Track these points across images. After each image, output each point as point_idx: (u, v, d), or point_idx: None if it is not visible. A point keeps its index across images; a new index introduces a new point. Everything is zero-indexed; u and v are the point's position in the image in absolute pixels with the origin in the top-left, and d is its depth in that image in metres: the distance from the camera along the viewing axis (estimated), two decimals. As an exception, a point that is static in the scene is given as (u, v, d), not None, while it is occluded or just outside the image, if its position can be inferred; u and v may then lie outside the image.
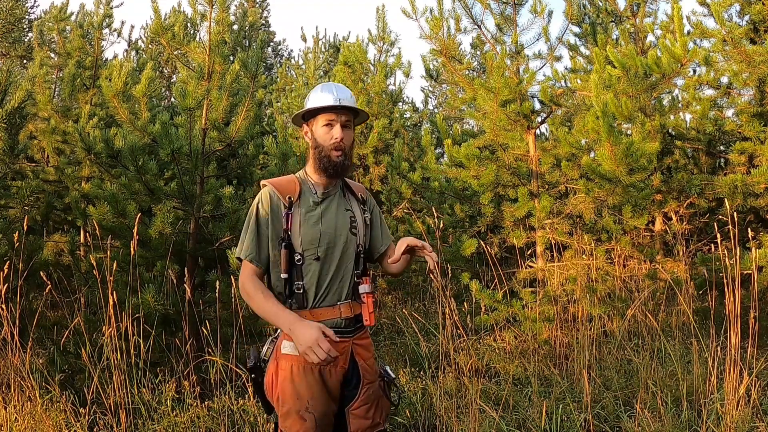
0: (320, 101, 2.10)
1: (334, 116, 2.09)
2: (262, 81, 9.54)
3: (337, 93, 2.11)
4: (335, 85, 2.15)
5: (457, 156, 5.03)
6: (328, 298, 2.07)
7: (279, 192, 2.09)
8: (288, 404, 2.03)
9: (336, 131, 2.08)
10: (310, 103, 2.15)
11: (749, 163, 5.48)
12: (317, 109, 2.11)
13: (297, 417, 2.01)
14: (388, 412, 2.18)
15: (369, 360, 2.14)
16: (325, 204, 2.14)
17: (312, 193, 2.14)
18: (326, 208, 2.13)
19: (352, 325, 2.11)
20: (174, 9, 10.39)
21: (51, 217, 6.47)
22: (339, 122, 2.10)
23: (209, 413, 3.38)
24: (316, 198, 2.13)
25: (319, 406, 2.03)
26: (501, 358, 4.49)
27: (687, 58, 4.20)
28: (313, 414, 2.01)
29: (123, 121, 4.11)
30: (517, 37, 5.14)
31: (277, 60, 17.05)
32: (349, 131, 2.14)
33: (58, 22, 7.48)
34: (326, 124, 2.10)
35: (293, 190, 2.11)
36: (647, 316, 4.49)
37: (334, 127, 2.09)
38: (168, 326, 4.01)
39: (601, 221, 4.96)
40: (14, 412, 3.19)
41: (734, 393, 3.18)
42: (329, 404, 2.06)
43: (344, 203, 2.19)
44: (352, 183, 2.30)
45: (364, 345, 2.15)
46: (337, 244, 2.09)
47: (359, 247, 2.16)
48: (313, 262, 2.06)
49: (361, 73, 7.86)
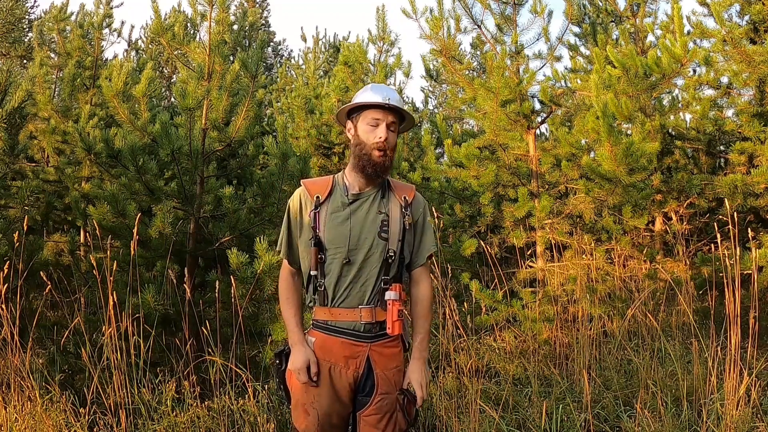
0: (369, 99, 2.07)
1: (380, 115, 2.05)
2: (262, 81, 9.54)
3: (388, 93, 2.08)
4: (386, 87, 2.13)
5: (457, 156, 5.03)
6: (348, 300, 2.04)
7: (309, 191, 2.11)
8: (296, 396, 2.08)
9: (380, 130, 2.04)
10: (357, 99, 2.11)
11: (749, 163, 5.48)
12: (364, 106, 2.07)
13: (302, 410, 2.06)
14: (403, 429, 2.07)
15: (389, 370, 2.06)
16: (356, 205, 2.09)
17: (343, 192, 2.10)
18: (356, 209, 2.08)
19: (372, 331, 2.05)
20: (174, 9, 10.40)
21: (51, 217, 6.46)
22: (385, 122, 2.05)
23: (209, 413, 3.38)
24: (346, 198, 2.09)
25: (323, 404, 2.03)
26: (501, 358, 4.49)
27: (687, 58, 4.20)
28: (317, 410, 2.03)
29: (123, 121, 4.11)
30: (517, 37, 5.14)
31: (277, 60, 17.06)
32: (394, 134, 2.09)
33: (58, 22, 7.47)
34: (372, 123, 2.05)
35: (323, 189, 2.10)
36: (647, 316, 4.49)
37: (379, 127, 2.05)
38: (168, 326, 4.00)
39: (601, 221, 4.96)
40: (14, 412, 3.18)
41: (734, 393, 3.18)
42: (334, 404, 2.04)
43: (381, 205, 2.10)
44: (400, 184, 2.20)
45: (386, 354, 2.07)
46: (361, 247, 2.04)
47: (389, 251, 2.05)
48: (334, 262, 2.04)
49: (361, 73, 7.86)
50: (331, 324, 2.06)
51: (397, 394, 2.06)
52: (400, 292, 2.06)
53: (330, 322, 2.06)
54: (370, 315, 2.04)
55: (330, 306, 2.05)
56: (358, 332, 2.04)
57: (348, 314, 2.04)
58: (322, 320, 2.08)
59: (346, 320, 2.04)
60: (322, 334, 2.08)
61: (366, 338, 2.05)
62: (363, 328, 2.04)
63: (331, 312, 2.05)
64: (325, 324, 2.07)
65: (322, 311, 2.07)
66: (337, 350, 2.04)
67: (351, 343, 2.04)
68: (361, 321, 2.04)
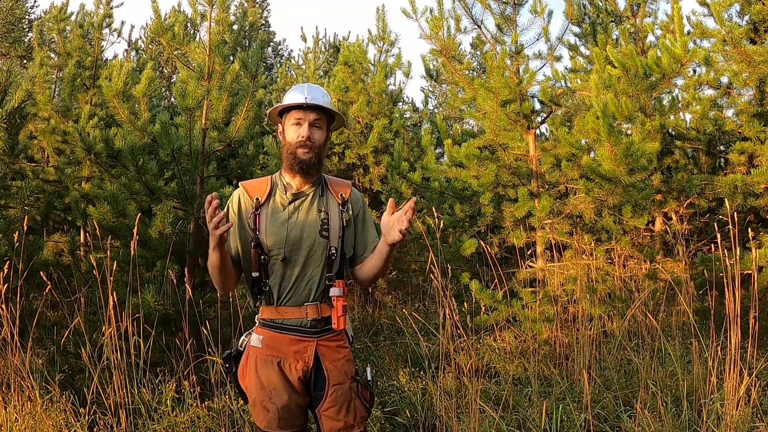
0: (290, 100, 2.12)
1: (302, 114, 2.10)
2: (262, 81, 9.54)
3: (308, 93, 2.11)
4: (308, 85, 2.16)
5: (457, 156, 5.03)
6: (294, 298, 2.10)
7: (248, 193, 2.14)
8: (253, 394, 2.11)
9: (303, 129, 2.09)
10: (283, 101, 2.16)
11: (749, 163, 5.48)
12: (287, 108, 2.13)
13: (261, 407, 2.09)
14: (365, 414, 2.14)
15: (337, 362, 2.12)
16: (296, 204, 2.13)
17: (282, 193, 2.14)
18: (296, 209, 2.13)
19: (318, 326, 2.11)
20: (174, 9, 10.39)
21: (51, 217, 6.45)
22: (308, 120, 2.09)
23: (209, 413, 3.38)
24: (285, 198, 2.13)
25: (281, 398, 2.07)
26: (501, 358, 4.49)
27: (687, 58, 4.20)
28: (276, 405, 2.07)
29: (123, 121, 4.11)
30: (517, 37, 5.14)
31: (277, 60, 17.05)
32: (319, 130, 2.13)
33: (58, 22, 7.47)
34: (295, 123, 2.11)
35: (262, 191, 2.13)
36: (647, 316, 4.49)
37: (302, 126, 2.09)
38: (168, 326, 4.01)
39: (601, 221, 4.96)
40: (14, 412, 3.19)
41: (734, 393, 3.18)
42: (291, 396, 2.09)
43: (320, 204, 2.16)
44: (336, 182, 2.26)
45: (333, 347, 2.14)
46: (302, 246, 2.09)
47: (331, 249, 2.11)
48: (277, 262, 2.08)
49: (361, 73, 7.85)
50: (278, 322, 2.11)
51: (350, 383, 2.12)
52: (343, 287, 2.12)
53: (277, 320, 2.11)
54: (315, 312, 2.10)
55: (276, 305, 2.10)
56: (305, 328, 2.10)
57: (294, 312, 2.09)
58: (269, 318, 2.12)
59: (293, 317, 2.09)
60: (269, 331, 2.12)
61: (312, 333, 2.11)
62: (309, 324, 2.11)
63: (278, 310, 2.10)
64: (272, 322, 2.12)
65: (269, 310, 2.12)
66: (286, 346, 2.09)
67: (298, 338, 2.10)
68: (308, 318, 2.10)
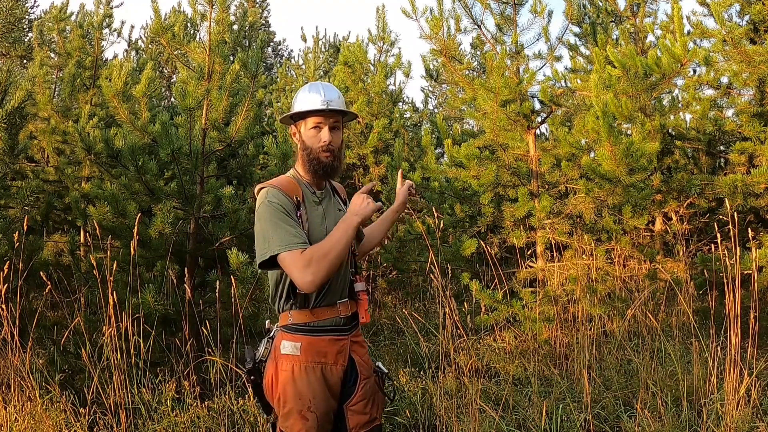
0: (308, 103, 2.07)
1: (322, 119, 2.07)
2: (262, 81, 9.53)
3: (325, 94, 2.07)
4: (323, 85, 2.12)
5: (457, 156, 5.02)
6: (328, 297, 2.07)
7: (287, 193, 2.02)
8: (289, 404, 2.02)
9: (324, 134, 2.07)
10: (297, 104, 2.11)
11: (749, 163, 5.47)
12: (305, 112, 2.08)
13: (299, 416, 2.02)
14: (384, 406, 2.20)
15: (364, 356, 2.17)
16: (324, 204, 2.15)
17: (311, 193, 2.13)
18: (326, 208, 2.15)
19: (350, 323, 2.13)
20: (174, 9, 10.39)
21: (51, 217, 6.46)
22: (327, 125, 2.07)
23: (209, 413, 3.38)
24: (316, 198, 2.13)
25: (321, 405, 2.03)
26: (501, 358, 4.49)
27: (687, 58, 4.20)
28: (315, 413, 2.02)
29: (123, 121, 4.11)
30: (517, 37, 5.14)
31: (277, 60, 17.05)
32: (338, 132, 2.12)
33: (58, 22, 7.47)
34: (314, 127, 2.08)
35: (298, 191, 2.07)
36: (647, 316, 4.49)
37: (323, 130, 2.07)
38: (168, 326, 4.01)
39: (601, 221, 4.96)
40: (14, 412, 3.19)
41: (734, 393, 3.18)
42: (330, 402, 2.06)
43: (337, 203, 2.23)
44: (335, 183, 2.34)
45: (360, 342, 2.18)
46: None
47: (353, 245, 2.16)
48: None
49: (361, 73, 7.86)
50: (313, 324, 2.06)
51: (374, 376, 2.17)
52: (364, 281, 2.17)
53: (311, 323, 2.05)
54: (346, 308, 2.11)
55: (311, 307, 2.06)
56: (339, 327, 2.10)
57: (327, 312, 2.08)
58: (304, 323, 2.05)
59: (327, 318, 2.08)
60: (306, 336, 2.05)
61: (345, 331, 2.12)
62: (342, 323, 2.10)
63: (313, 313, 2.06)
64: (307, 326, 2.05)
65: (302, 314, 2.05)
66: (327, 349, 2.06)
67: (336, 338, 2.08)
68: (340, 315, 2.09)
